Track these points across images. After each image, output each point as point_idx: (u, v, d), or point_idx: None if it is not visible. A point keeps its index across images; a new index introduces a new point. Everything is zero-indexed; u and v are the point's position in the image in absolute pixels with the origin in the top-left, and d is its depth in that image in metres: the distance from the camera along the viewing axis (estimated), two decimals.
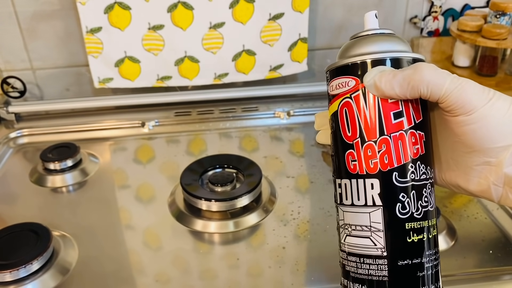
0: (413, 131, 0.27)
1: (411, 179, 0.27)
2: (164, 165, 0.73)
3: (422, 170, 0.28)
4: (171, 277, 0.52)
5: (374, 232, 0.27)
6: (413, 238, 0.27)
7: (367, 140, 0.27)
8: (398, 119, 0.27)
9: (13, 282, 0.49)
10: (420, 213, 0.27)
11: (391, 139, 0.27)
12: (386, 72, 0.27)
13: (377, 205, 0.27)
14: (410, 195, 0.27)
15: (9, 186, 0.70)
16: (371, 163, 0.27)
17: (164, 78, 0.86)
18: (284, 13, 0.81)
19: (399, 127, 0.27)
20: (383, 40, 0.29)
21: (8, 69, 0.86)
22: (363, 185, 0.27)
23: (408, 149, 0.27)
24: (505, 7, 0.80)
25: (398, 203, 0.27)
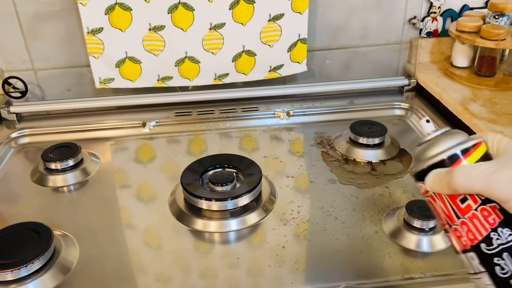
0: (483, 207, 0.31)
1: (498, 244, 0.31)
2: (164, 165, 0.74)
3: (507, 233, 0.31)
4: (171, 276, 0.52)
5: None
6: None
7: (452, 224, 0.33)
8: (465, 203, 0.32)
9: (14, 282, 0.50)
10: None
11: (467, 220, 0.32)
12: (436, 177, 0.32)
13: (482, 272, 0.32)
14: (504, 256, 0.31)
15: (11, 185, 0.70)
16: (463, 241, 0.32)
17: (165, 78, 0.86)
18: (284, 14, 0.82)
19: (469, 209, 0.32)
20: (436, 143, 0.34)
21: (9, 69, 0.86)
22: (467, 259, 0.33)
23: (485, 223, 0.31)
24: (504, 8, 0.80)
25: (496, 266, 0.31)
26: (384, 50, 0.93)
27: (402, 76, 0.94)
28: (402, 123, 0.85)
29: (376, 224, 0.58)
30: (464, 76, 0.84)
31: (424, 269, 0.51)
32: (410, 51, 0.93)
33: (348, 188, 0.66)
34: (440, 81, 0.86)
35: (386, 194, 0.64)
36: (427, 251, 0.54)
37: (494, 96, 0.79)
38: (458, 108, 0.76)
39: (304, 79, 0.93)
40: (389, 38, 0.91)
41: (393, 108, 0.88)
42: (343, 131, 0.78)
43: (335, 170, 0.70)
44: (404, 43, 0.92)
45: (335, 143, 0.77)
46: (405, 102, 0.89)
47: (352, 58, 0.93)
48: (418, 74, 0.90)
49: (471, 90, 0.81)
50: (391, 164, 0.71)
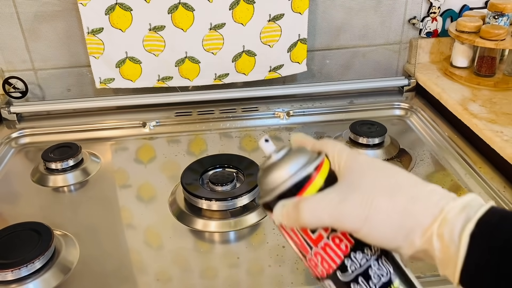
0: (334, 235, 0.30)
1: (352, 270, 0.30)
2: (164, 164, 0.74)
3: (360, 256, 0.30)
4: (172, 276, 0.52)
5: None
6: None
7: (306, 255, 0.32)
8: (316, 233, 0.31)
9: (15, 281, 0.50)
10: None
11: (320, 250, 0.31)
12: (283, 211, 0.30)
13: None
14: (360, 281, 0.30)
15: (11, 185, 0.70)
16: (319, 270, 0.31)
17: (165, 78, 0.86)
18: (283, 14, 0.82)
19: (320, 238, 0.31)
20: (279, 168, 0.31)
21: (10, 69, 0.86)
22: (326, 285, 0.32)
23: (338, 250, 0.30)
24: (504, 8, 0.80)
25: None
26: (384, 50, 0.93)
27: (402, 76, 0.94)
28: (402, 123, 0.85)
29: None
30: (464, 76, 0.84)
31: (424, 269, 0.51)
32: (410, 51, 0.93)
33: None
34: (440, 81, 0.86)
35: None
36: None
37: (493, 96, 0.79)
38: (457, 108, 0.76)
39: (304, 79, 0.93)
40: (389, 38, 0.92)
41: (393, 108, 0.88)
42: (343, 131, 0.78)
43: None
44: (404, 43, 0.92)
45: None
46: (405, 102, 0.89)
47: (352, 58, 0.93)
48: (417, 74, 0.90)
49: (470, 90, 0.81)
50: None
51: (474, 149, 0.72)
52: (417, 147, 0.76)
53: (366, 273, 0.30)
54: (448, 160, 0.72)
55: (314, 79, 0.94)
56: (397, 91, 0.93)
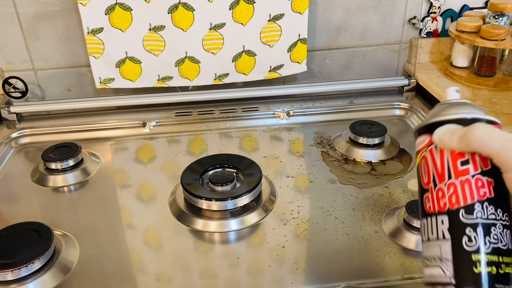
0: (479, 177, 0.31)
1: (477, 216, 0.30)
2: (164, 164, 0.74)
3: (491, 210, 0.30)
4: (171, 276, 0.52)
5: (444, 262, 0.31)
6: (480, 269, 0.29)
7: (438, 184, 0.32)
8: (464, 166, 0.31)
9: (15, 281, 0.50)
10: (489, 248, 0.30)
11: (458, 182, 0.31)
12: (450, 129, 0.32)
13: (446, 238, 0.31)
14: (477, 230, 0.30)
15: (11, 185, 0.70)
16: (441, 203, 0.31)
17: (165, 78, 0.86)
18: (283, 14, 0.82)
19: (465, 173, 0.31)
20: (455, 106, 0.34)
21: (9, 69, 0.86)
22: (435, 222, 0.32)
23: (475, 192, 0.30)
24: (504, 8, 0.80)
25: (465, 236, 0.30)
26: (384, 50, 0.93)
27: (402, 76, 0.94)
28: (402, 123, 0.85)
29: (376, 224, 0.58)
30: (464, 76, 0.84)
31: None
32: (410, 51, 0.93)
33: (348, 188, 0.66)
34: (440, 81, 0.86)
35: (386, 194, 0.64)
36: None
37: (493, 96, 0.79)
38: None
39: (304, 79, 0.93)
40: (389, 38, 0.92)
41: (393, 108, 0.88)
42: (343, 131, 0.78)
43: (335, 170, 0.70)
44: (404, 43, 0.92)
45: (335, 143, 0.77)
46: (405, 102, 0.89)
47: (352, 58, 0.93)
48: (418, 74, 0.90)
49: (470, 90, 0.81)
50: (391, 164, 0.71)
51: None
52: None
53: (487, 227, 0.30)
54: None
55: (314, 79, 0.94)
56: (397, 91, 0.93)
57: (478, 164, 0.31)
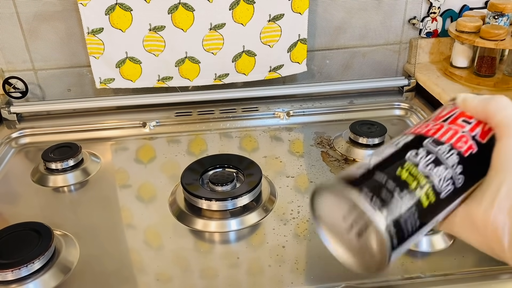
0: (467, 136, 0.30)
1: (440, 151, 0.30)
2: (165, 165, 0.74)
3: (455, 160, 0.29)
4: (172, 276, 0.52)
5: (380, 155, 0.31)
6: (401, 174, 0.29)
7: (431, 120, 0.32)
8: (463, 123, 0.31)
9: (15, 281, 0.50)
10: (426, 171, 0.29)
11: (446, 125, 0.31)
12: (474, 94, 0.32)
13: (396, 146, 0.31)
14: (429, 156, 0.29)
15: (11, 185, 0.70)
16: (419, 129, 0.32)
17: (165, 78, 0.86)
18: (283, 14, 0.82)
19: (459, 126, 0.31)
20: None
21: (10, 69, 0.86)
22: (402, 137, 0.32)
23: (454, 138, 0.30)
24: (503, 8, 0.80)
25: (414, 149, 0.30)
26: (384, 50, 0.93)
27: (401, 76, 0.94)
28: (402, 123, 0.85)
29: None
30: (464, 76, 0.84)
31: (424, 269, 0.51)
32: (410, 51, 0.93)
33: None
34: (440, 81, 0.86)
35: None
36: (426, 251, 0.54)
37: None
38: None
39: (304, 79, 0.93)
40: (389, 38, 0.92)
41: (392, 108, 0.88)
42: (343, 131, 0.78)
43: (335, 170, 0.70)
44: (403, 43, 0.93)
45: (335, 143, 0.77)
46: (405, 102, 0.89)
47: (352, 58, 0.93)
48: (417, 74, 0.90)
49: (470, 90, 0.81)
50: None
51: None
52: None
53: (439, 163, 0.29)
54: None
55: (314, 79, 0.94)
56: (397, 91, 0.93)
57: (475, 130, 0.30)
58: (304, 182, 0.68)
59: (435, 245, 0.54)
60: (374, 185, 0.28)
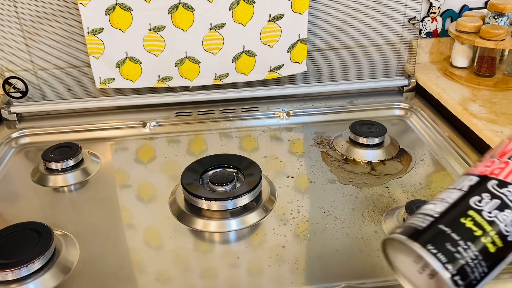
0: None
1: (504, 194, 0.30)
2: (165, 164, 0.74)
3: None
4: (172, 276, 0.52)
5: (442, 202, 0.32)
6: (466, 223, 0.29)
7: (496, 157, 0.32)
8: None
9: (15, 281, 0.50)
10: (491, 217, 0.29)
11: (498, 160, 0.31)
12: None
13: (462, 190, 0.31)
14: (493, 201, 0.30)
15: (11, 185, 0.70)
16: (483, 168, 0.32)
17: (165, 78, 0.86)
18: (283, 14, 0.82)
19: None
20: None
21: (10, 69, 0.86)
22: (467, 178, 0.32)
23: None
24: (503, 8, 0.80)
25: (477, 196, 0.30)
26: (384, 50, 0.93)
27: (401, 76, 0.94)
28: (402, 123, 0.85)
29: (376, 224, 0.58)
30: (464, 76, 0.84)
31: None
32: (410, 51, 0.93)
33: (347, 188, 0.66)
34: (440, 81, 0.86)
35: (385, 194, 0.64)
36: None
37: (493, 96, 0.79)
38: (457, 108, 0.76)
39: (304, 79, 0.93)
40: (389, 38, 0.92)
41: (392, 108, 0.88)
42: (343, 131, 0.78)
43: (334, 170, 0.70)
44: (403, 43, 0.93)
45: (335, 143, 0.77)
46: (405, 102, 0.89)
47: (352, 58, 0.93)
48: (417, 74, 0.90)
49: (470, 90, 0.81)
50: (391, 164, 0.71)
51: (474, 149, 0.72)
52: (417, 147, 0.76)
53: (504, 206, 0.29)
54: (448, 160, 0.72)
55: (314, 79, 0.94)
56: (397, 91, 0.93)
57: None
58: (304, 182, 0.68)
59: None
60: (439, 238, 0.29)
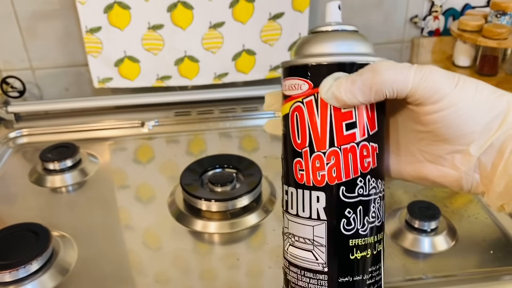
0: (365, 144, 0.26)
1: (359, 194, 0.26)
2: (163, 165, 0.73)
3: (372, 184, 0.26)
4: (171, 278, 0.52)
5: (316, 247, 0.27)
6: (356, 255, 0.26)
7: (316, 150, 0.26)
8: (350, 131, 0.25)
9: (13, 283, 0.49)
10: (366, 229, 0.26)
11: (341, 152, 0.25)
12: (343, 79, 0.25)
13: (321, 219, 0.26)
14: (357, 211, 0.26)
15: (9, 186, 0.70)
16: (318, 175, 0.26)
17: (164, 77, 0.85)
18: (284, 12, 0.81)
19: (351, 139, 0.25)
20: (341, 39, 0.27)
21: (7, 68, 0.85)
22: (309, 197, 0.27)
23: (359, 163, 0.26)
24: (506, 6, 0.80)
25: (344, 218, 0.26)
26: (385, 49, 0.92)
27: None
28: None
29: None
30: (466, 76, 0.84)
31: (426, 270, 0.51)
32: (412, 50, 0.93)
33: None
34: None
35: (387, 194, 0.63)
36: (428, 252, 0.53)
37: None
38: None
39: None
40: (391, 37, 0.91)
41: None
42: None
43: None
44: (405, 42, 0.92)
45: None
46: None
47: None
48: None
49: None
50: None
51: None
52: None
53: (367, 205, 0.26)
54: None
55: None
56: None
57: (365, 126, 0.25)
58: None
59: (437, 246, 0.54)
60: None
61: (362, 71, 0.25)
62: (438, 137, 0.26)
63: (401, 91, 0.25)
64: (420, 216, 0.54)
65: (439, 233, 0.54)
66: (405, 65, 0.26)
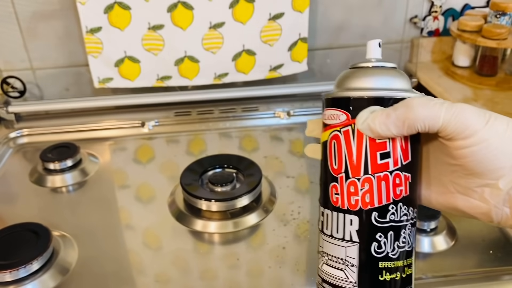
0: (398, 173, 0.28)
1: (390, 219, 0.28)
2: (164, 165, 0.73)
3: (404, 211, 0.28)
4: (171, 277, 0.52)
5: (348, 266, 0.28)
6: (385, 277, 0.28)
7: (351, 176, 0.28)
8: (384, 160, 0.27)
9: (13, 282, 0.49)
10: (396, 254, 0.28)
11: (374, 179, 0.27)
12: (378, 112, 0.27)
13: (353, 241, 0.28)
14: (388, 235, 0.28)
15: (9, 186, 0.70)
16: (352, 199, 0.28)
17: (164, 78, 0.85)
18: (284, 13, 0.81)
19: (384, 168, 0.27)
20: (380, 75, 0.29)
21: (8, 69, 0.86)
22: (343, 219, 0.28)
23: (391, 191, 0.27)
24: (505, 7, 0.80)
25: (375, 242, 0.28)
26: (385, 50, 0.92)
27: None
28: None
29: None
30: (466, 76, 0.84)
31: (425, 270, 0.51)
32: (411, 51, 0.93)
33: None
34: (442, 80, 0.85)
35: None
36: (428, 251, 0.53)
37: (495, 96, 0.78)
38: None
39: (305, 79, 0.92)
40: (390, 37, 0.91)
41: None
42: None
43: None
44: (405, 42, 0.92)
45: None
46: None
47: (352, 57, 0.92)
48: (419, 73, 0.90)
49: (472, 89, 0.81)
50: None
51: None
52: None
53: (398, 231, 0.28)
54: None
55: (315, 78, 0.93)
56: None
57: (398, 157, 0.27)
58: (305, 183, 0.67)
59: (436, 246, 0.54)
60: None
61: (397, 106, 0.27)
62: (468, 171, 0.28)
63: (433, 126, 0.26)
64: (419, 216, 0.54)
65: (438, 233, 0.55)
66: (437, 101, 0.27)
